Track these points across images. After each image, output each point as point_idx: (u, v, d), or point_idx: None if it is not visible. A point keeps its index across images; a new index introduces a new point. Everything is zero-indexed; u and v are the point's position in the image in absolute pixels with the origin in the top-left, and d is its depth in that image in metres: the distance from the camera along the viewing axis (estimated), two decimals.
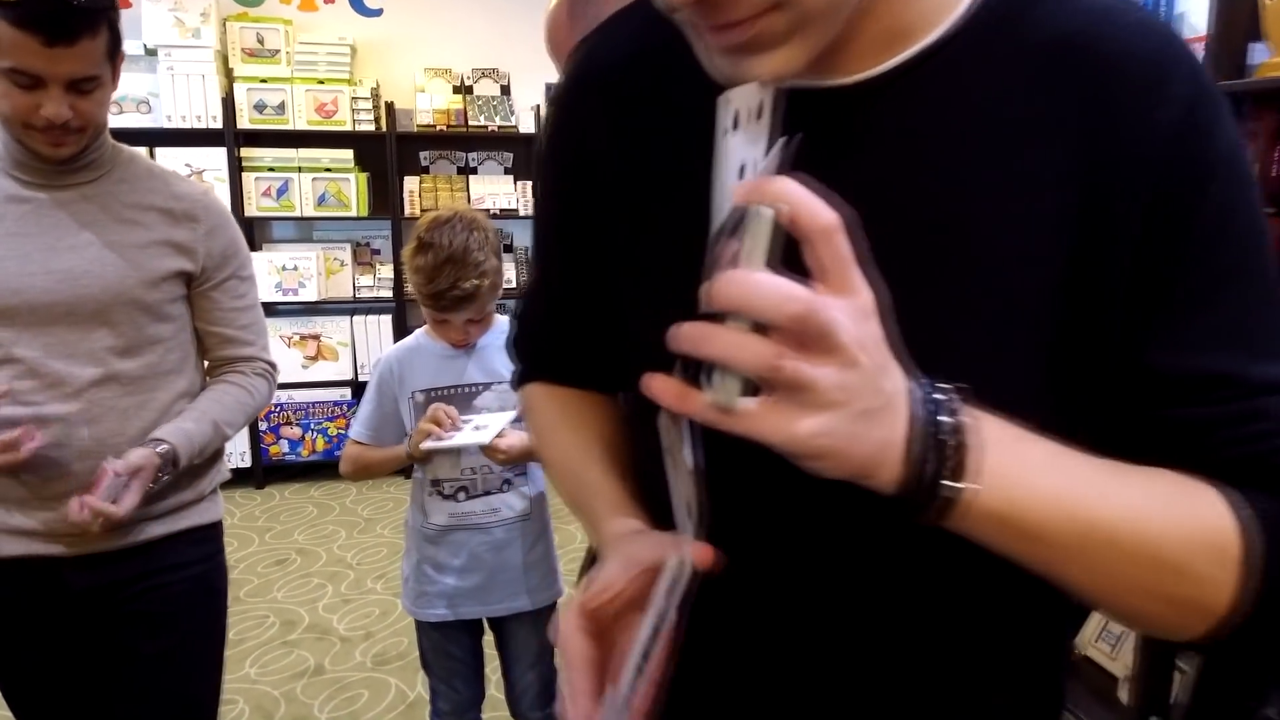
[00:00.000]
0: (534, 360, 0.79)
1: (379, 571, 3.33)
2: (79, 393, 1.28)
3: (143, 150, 1.41)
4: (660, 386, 0.41)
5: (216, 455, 1.45)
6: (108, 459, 1.25)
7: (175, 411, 1.37)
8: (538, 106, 4.45)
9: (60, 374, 1.27)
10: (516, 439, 1.61)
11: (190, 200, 1.37)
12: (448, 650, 1.74)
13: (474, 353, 1.70)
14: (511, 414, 1.64)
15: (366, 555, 3.49)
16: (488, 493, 1.69)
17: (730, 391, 0.40)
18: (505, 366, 1.70)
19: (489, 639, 1.82)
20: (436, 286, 1.58)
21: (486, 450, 1.60)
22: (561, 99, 0.68)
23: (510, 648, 1.77)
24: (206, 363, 1.46)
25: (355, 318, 4.34)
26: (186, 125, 4.01)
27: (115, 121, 4.02)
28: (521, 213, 4.43)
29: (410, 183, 4.37)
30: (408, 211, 4.35)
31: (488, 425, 1.61)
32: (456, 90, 4.44)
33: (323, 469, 4.37)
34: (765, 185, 0.39)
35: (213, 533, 1.47)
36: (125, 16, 4.12)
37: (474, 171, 4.56)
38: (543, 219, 0.73)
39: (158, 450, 1.30)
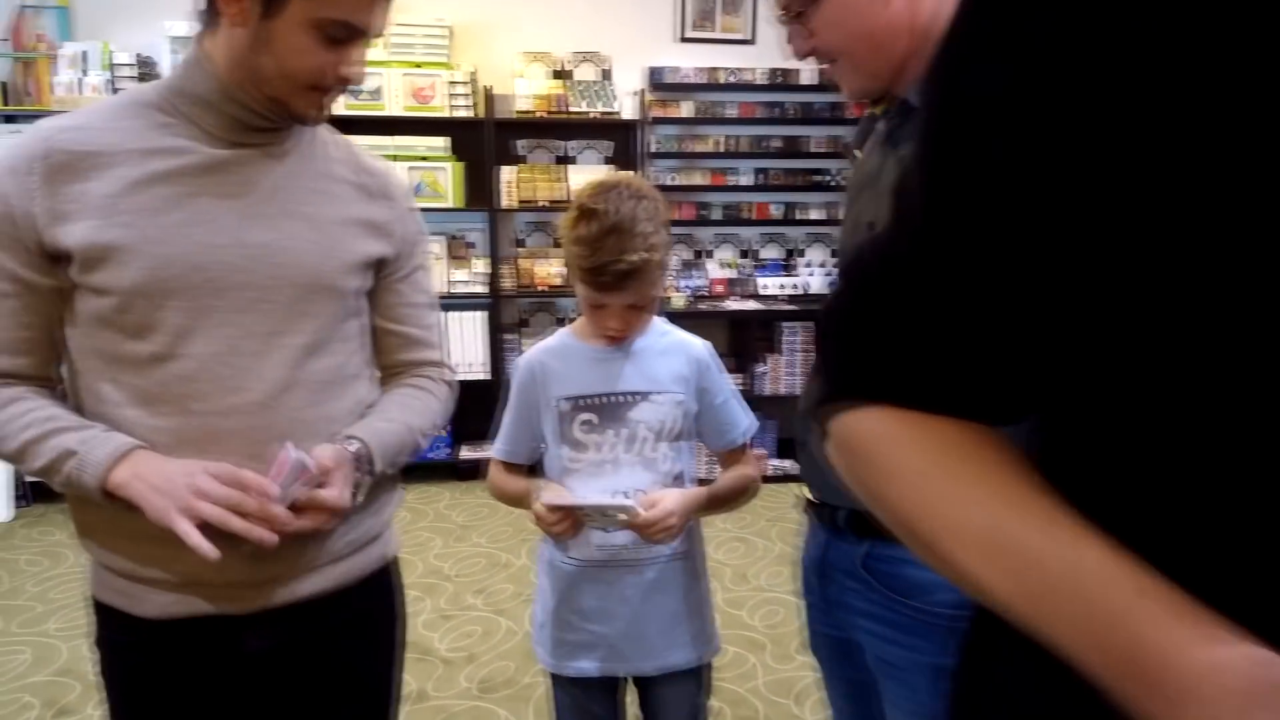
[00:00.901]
0: (884, 373, 0.53)
1: (478, 585, 3.12)
2: (264, 402, 1.03)
3: None
4: None
5: (393, 475, 1.21)
6: (286, 444, 1.00)
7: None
8: (640, 91, 4.19)
9: (244, 376, 1.03)
10: (672, 502, 1.36)
11: (380, 176, 1.16)
12: (590, 710, 1.49)
13: (630, 355, 1.43)
14: (621, 500, 1.36)
15: (464, 566, 3.28)
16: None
17: None
18: (669, 374, 1.43)
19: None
20: (598, 259, 1.33)
21: (639, 529, 1.37)
22: None
23: (659, 710, 1.50)
24: (380, 369, 1.23)
25: (449, 314, 4.15)
26: None
27: None
28: None
29: (506, 172, 4.15)
30: (504, 203, 4.14)
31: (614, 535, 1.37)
32: (555, 75, 4.21)
33: (414, 471, 4.18)
34: None
35: (396, 568, 1.23)
36: None
37: (572, 161, 4.33)
38: (969, 158, 0.47)
39: (351, 449, 1.05)
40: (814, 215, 4.47)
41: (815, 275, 4.42)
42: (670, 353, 1.46)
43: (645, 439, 1.42)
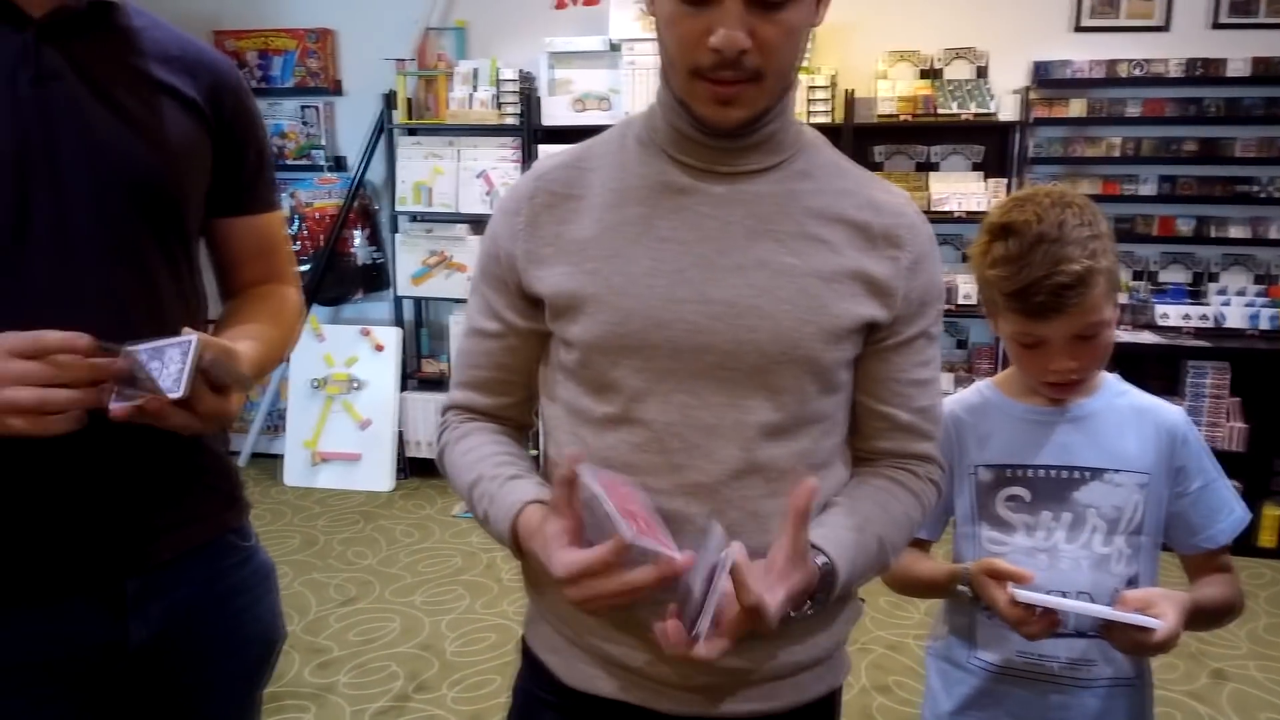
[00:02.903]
0: None
1: None
2: (714, 486, 0.89)
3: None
4: None
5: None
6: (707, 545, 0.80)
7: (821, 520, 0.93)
8: (1024, 89, 3.73)
9: (694, 454, 0.89)
10: (1176, 615, 1.02)
11: (893, 214, 0.94)
12: None
13: (1077, 420, 1.15)
14: (1138, 617, 1.02)
15: None
16: (1081, 633, 1.13)
17: None
18: (1133, 448, 1.13)
19: None
20: (1027, 276, 1.06)
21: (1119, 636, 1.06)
22: None
23: None
24: (853, 451, 1.02)
25: None
26: None
27: (576, 119, 4.08)
28: None
29: None
30: None
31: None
32: (924, 75, 3.88)
33: None
34: None
35: (839, 697, 1.05)
36: (592, 14, 4.06)
37: (934, 168, 3.97)
38: None
39: (816, 564, 0.86)
40: (1234, 233, 3.71)
41: (1232, 305, 3.67)
42: (1133, 420, 1.15)
43: (1096, 529, 1.12)
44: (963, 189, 3.83)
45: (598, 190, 0.94)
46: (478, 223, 4.14)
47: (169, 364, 0.84)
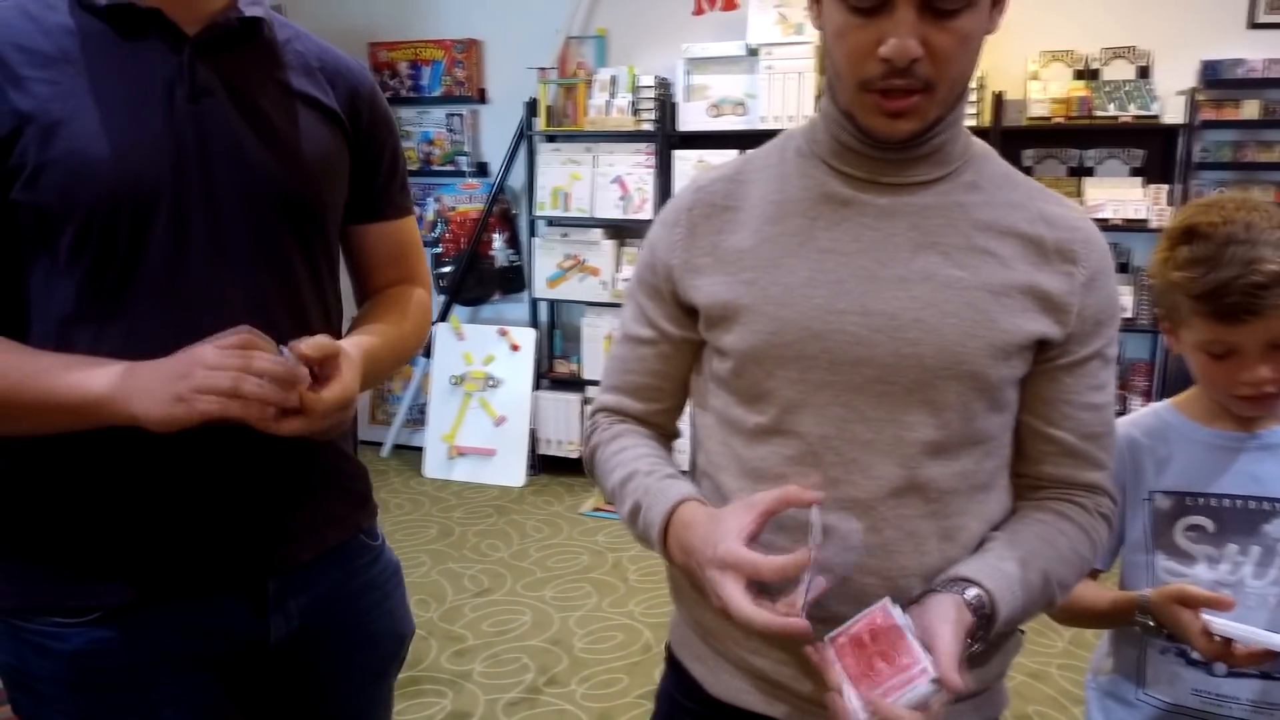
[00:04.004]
0: None
1: None
2: (870, 502, 0.86)
3: None
4: None
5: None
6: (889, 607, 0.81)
7: (977, 546, 0.90)
8: (1191, 90, 3.50)
9: (854, 469, 0.87)
10: None
11: (1068, 228, 0.90)
12: None
13: (1270, 447, 1.08)
14: None
15: None
16: (1268, 676, 1.05)
17: None
18: None
19: None
20: (1220, 276, 1.00)
21: None
22: None
23: None
24: (1016, 477, 0.96)
25: None
26: (778, 126, 3.90)
27: (711, 124, 4.10)
28: (1153, 224, 3.54)
29: None
30: None
31: None
32: (1079, 75, 3.71)
33: None
34: None
35: None
36: (730, 20, 4.02)
37: (1089, 172, 3.78)
38: None
39: (967, 597, 0.82)
40: None
41: None
42: None
43: None
44: (1120, 195, 3.64)
45: (756, 202, 0.93)
46: (612, 227, 4.21)
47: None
